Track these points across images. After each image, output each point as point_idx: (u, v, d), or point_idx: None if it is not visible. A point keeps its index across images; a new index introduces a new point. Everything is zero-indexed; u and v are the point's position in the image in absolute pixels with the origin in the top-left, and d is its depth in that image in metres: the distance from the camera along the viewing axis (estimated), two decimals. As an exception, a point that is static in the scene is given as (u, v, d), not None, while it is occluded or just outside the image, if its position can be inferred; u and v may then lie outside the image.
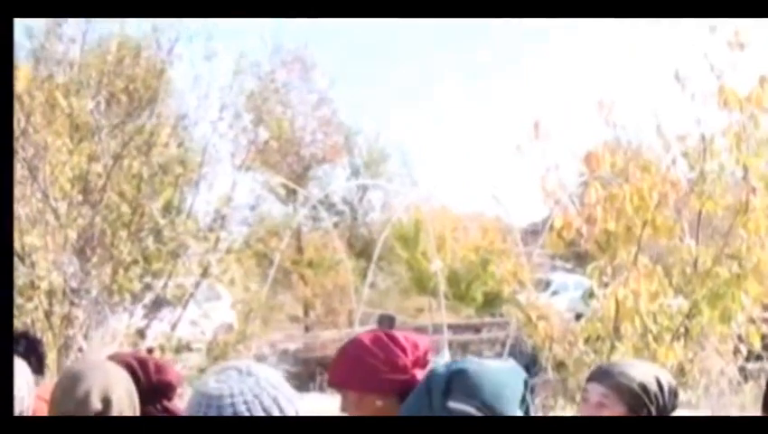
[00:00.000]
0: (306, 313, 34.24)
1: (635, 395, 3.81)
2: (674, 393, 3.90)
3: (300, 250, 35.57)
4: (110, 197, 11.91)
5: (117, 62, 12.24)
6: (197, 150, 13.03)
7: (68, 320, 11.12)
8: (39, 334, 11.29)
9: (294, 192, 32.97)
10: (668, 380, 3.90)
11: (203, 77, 12.62)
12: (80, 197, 11.77)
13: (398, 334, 3.87)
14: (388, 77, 57.66)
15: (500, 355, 14.46)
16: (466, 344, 26.25)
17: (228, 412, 2.73)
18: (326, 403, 6.30)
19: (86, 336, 10.89)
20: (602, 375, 3.93)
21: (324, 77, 38.92)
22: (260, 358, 21.79)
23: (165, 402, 4.08)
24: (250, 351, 13.98)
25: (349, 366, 3.81)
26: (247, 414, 2.73)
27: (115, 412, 3.51)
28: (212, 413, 2.74)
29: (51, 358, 11.01)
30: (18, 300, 10.86)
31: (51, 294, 11.20)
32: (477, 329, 27.95)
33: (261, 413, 2.76)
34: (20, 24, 11.98)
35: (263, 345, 23.96)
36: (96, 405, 3.50)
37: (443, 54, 56.05)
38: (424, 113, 58.17)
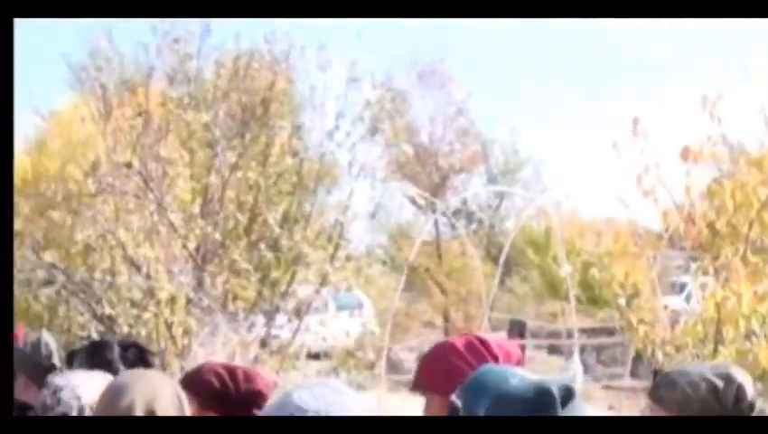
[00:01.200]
0: (446, 319, 34.14)
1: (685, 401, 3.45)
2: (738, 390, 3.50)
3: (439, 257, 35.52)
4: (228, 207, 11.90)
5: (232, 76, 12.24)
6: (314, 159, 12.88)
7: (185, 329, 11.13)
8: (162, 343, 11.39)
9: (431, 202, 32.94)
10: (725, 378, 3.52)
11: (318, 86, 12.51)
12: (198, 208, 11.80)
13: (492, 341, 3.66)
14: (517, 85, 57.29)
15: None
16: (600, 347, 25.67)
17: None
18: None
19: (201, 344, 10.86)
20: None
21: (461, 88, 38.81)
22: (395, 364, 21.70)
23: (255, 411, 3.94)
24: (381, 359, 13.82)
25: (436, 369, 3.63)
26: None
27: None
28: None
29: (176, 366, 11.09)
30: (133, 310, 10.92)
31: (170, 303, 11.24)
32: (611, 332, 27.41)
33: None
34: (139, 44, 12.07)
35: (399, 351, 23.87)
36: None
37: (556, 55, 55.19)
38: (549, 118, 57.64)
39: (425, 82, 38.49)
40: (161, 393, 3.42)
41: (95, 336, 11.55)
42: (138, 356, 5.02)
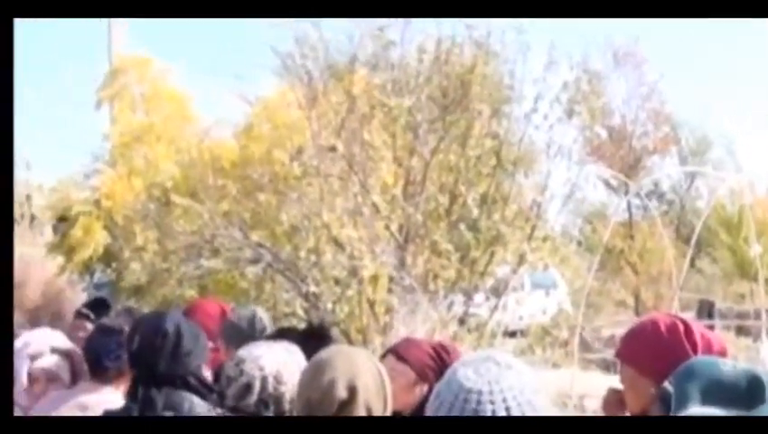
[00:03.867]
0: (636, 299, 33.47)
1: None
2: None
3: (631, 238, 34.87)
4: (429, 189, 11.74)
5: (434, 61, 12.04)
6: (512, 141, 12.58)
7: (386, 307, 11.04)
8: (364, 320, 11.34)
9: (624, 183, 32.33)
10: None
11: (516, 70, 12.19)
12: (400, 190, 11.68)
13: (696, 329, 3.51)
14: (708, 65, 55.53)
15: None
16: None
17: (486, 408, 2.41)
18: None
19: (402, 322, 10.73)
20: None
21: (654, 70, 37.81)
22: (587, 343, 21.24)
23: None
24: (574, 337, 13.45)
25: (636, 343, 3.56)
26: (503, 412, 2.41)
27: (360, 400, 3.23)
28: (471, 407, 2.43)
29: (377, 343, 11.02)
30: (336, 288, 10.89)
31: (372, 281, 11.18)
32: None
33: (522, 408, 2.43)
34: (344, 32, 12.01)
35: (586, 332, 23.43)
36: (341, 393, 3.23)
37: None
38: (740, 98, 55.63)
39: (619, 64, 37.67)
40: (362, 370, 3.31)
41: (300, 313, 11.61)
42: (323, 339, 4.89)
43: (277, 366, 3.71)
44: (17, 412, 4.46)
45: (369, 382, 3.29)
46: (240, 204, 12.20)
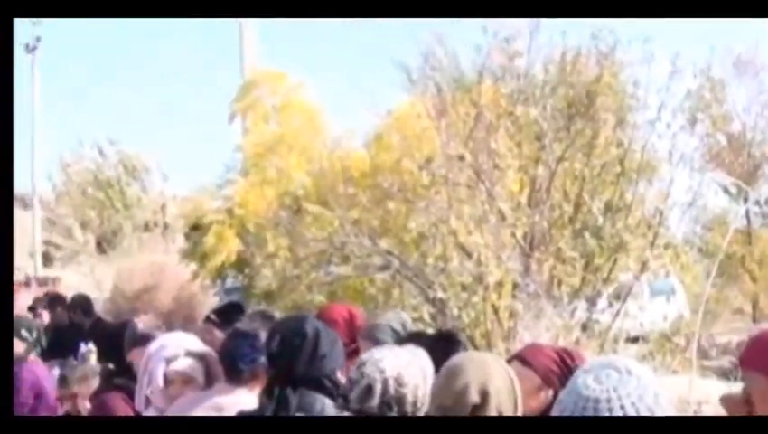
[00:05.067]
0: (754, 307, 32.78)
1: None
2: None
3: (750, 245, 34.20)
4: (554, 197, 11.77)
5: (560, 71, 12.08)
6: (636, 150, 12.53)
7: (511, 312, 11.09)
8: (488, 326, 11.42)
9: (744, 191, 31.77)
10: None
11: (641, 80, 12.16)
12: (526, 198, 11.73)
13: None
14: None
15: None
16: None
17: (604, 415, 2.42)
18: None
19: (526, 327, 10.77)
20: None
21: (772, 77, 36.94)
22: (705, 350, 20.91)
23: None
24: (692, 344, 13.33)
25: (761, 350, 3.37)
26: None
27: (492, 405, 3.28)
28: (589, 415, 2.43)
29: (501, 348, 11.08)
30: (462, 294, 10.98)
31: (497, 287, 11.24)
32: None
33: (641, 415, 2.43)
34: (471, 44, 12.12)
35: (702, 338, 23.08)
36: (474, 398, 3.28)
37: None
38: None
39: (739, 71, 36.95)
40: (494, 374, 3.35)
41: (426, 318, 11.73)
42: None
43: (398, 369, 3.74)
44: (151, 412, 4.60)
45: (501, 386, 3.33)
46: (370, 212, 12.37)
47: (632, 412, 2.41)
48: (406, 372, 3.76)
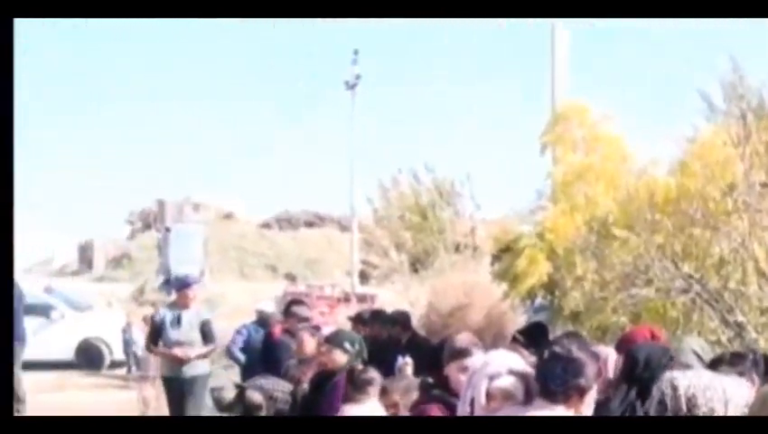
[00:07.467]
0: None
1: None
2: None
3: None
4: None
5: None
6: None
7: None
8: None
9: None
10: None
11: None
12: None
13: None
14: None
15: None
16: None
17: None
18: None
19: None
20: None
21: None
22: None
23: None
24: None
25: None
26: None
27: None
28: None
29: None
30: (761, 318, 11.05)
31: None
32: None
33: None
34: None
35: None
36: None
37: None
38: None
39: None
40: None
41: (724, 341, 11.85)
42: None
43: (693, 390, 3.99)
44: None
45: None
46: (674, 237, 12.55)
47: None
48: (698, 392, 4.07)
